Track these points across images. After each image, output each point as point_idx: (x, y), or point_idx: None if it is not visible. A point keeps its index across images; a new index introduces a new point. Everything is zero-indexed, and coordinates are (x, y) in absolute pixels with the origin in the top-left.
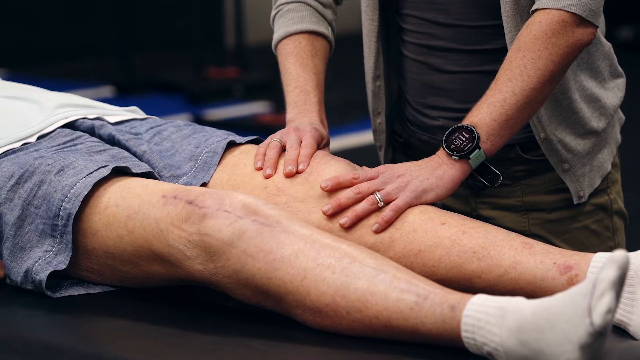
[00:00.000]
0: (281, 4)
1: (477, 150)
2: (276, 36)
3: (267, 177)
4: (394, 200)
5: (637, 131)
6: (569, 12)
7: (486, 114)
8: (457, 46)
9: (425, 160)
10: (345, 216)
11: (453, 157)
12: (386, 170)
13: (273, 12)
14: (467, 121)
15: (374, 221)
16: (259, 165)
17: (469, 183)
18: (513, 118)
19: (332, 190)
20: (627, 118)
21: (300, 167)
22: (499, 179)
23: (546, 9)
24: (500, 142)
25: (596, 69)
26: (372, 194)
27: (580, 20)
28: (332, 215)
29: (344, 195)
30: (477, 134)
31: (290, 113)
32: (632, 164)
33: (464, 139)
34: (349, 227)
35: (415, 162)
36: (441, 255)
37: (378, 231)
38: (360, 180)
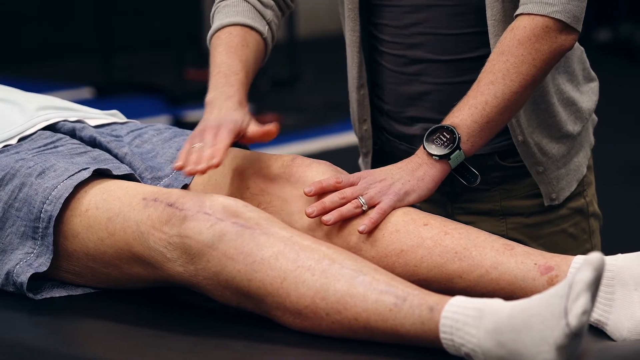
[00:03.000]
0: (220, 1)
1: (458, 150)
2: (211, 30)
3: (189, 173)
4: (377, 203)
5: (614, 130)
6: (553, 18)
7: (467, 116)
8: (436, 57)
9: (405, 161)
10: (329, 215)
11: (433, 157)
12: (367, 176)
13: (213, 9)
14: (448, 121)
15: (356, 221)
16: (179, 164)
17: (445, 189)
18: (493, 120)
19: (316, 194)
20: (604, 118)
21: (214, 161)
22: (477, 179)
23: (531, 14)
24: (480, 143)
25: (572, 72)
26: (356, 198)
27: (563, 27)
28: (316, 217)
29: (329, 199)
30: (458, 134)
31: (209, 96)
32: (605, 165)
33: (444, 140)
34: (331, 224)
35: (395, 165)
36: (423, 255)
37: (364, 232)
38: (343, 184)
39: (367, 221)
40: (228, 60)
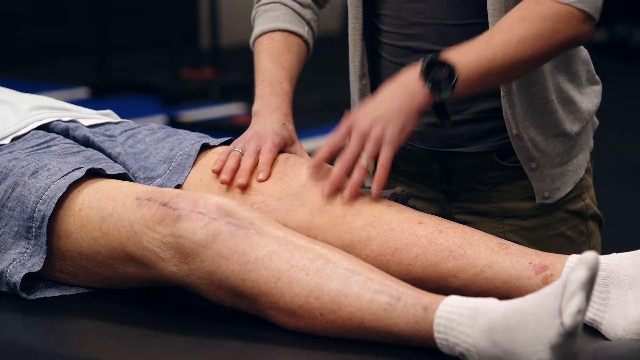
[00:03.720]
0: (260, 5)
1: (450, 90)
2: (252, 35)
3: (223, 182)
4: (378, 154)
5: (611, 130)
6: (577, 8)
7: (472, 63)
8: (435, 47)
9: (390, 88)
10: (344, 193)
11: (425, 87)
12: (354, 125)
13: (253, 13)
14: (451, 59)
15: (350, 218)
16: (215, 168)
17: (443, 188)
18: (491, 77)
19: (318, 169)
20: (601, 118)
21: (260, 176)
22: (448, 121)
23: (554, 1)
24: (468, 92)
25: (574, 72)
26: (356, 159)
27: (587, 17)
28: (333, 194)
29: (336, 175)
30: (457, 76)
31: (255, 106)
32: (603, 165)
33: (442, 76)
34: (352, 199)
35: (380, 98)
36: (417, 253)
37: (374, 194)
38: (335, 144)
39: (374, 184)
40: (272, 68)
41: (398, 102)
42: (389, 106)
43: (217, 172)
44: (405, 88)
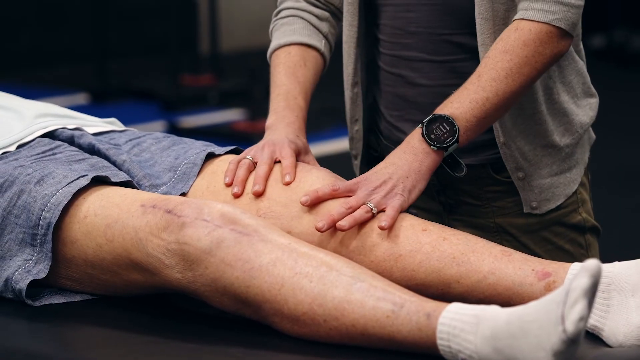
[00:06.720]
0: (277, 18)
1: (456, 143)
2: (270, 48)
3: (235, 195)
4: (385, 207)
5: (608, 136)
6: (554, 26)
7: (468, 109)
8: (428, 57)
9: (398, 153)
10: (344, 220)
11: (432, 147)
12: (364, 180)
13: (271, 26)
14: (447, 111)
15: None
16: (227, 181)
17: (440, 199)
18: (490, 117)
19: (312, 204)
20: (597, 124)
21: (287, 179)
22: (463, 170)
23: (532, 21)
24: (473, 137)
25: (569, 83)
26: (363, 205)
27: (563, 33)
28: (327, 230)
29: (336, 212)
30: (458, 127)
31: (269, 120)
32: (599, 171)
33: (444, 131)
34: (347, 229)
35: (388, 162)
36: (421, 260)
37: (386, 227)
38: (340, 191)
39: (384, 217)
40: (287, 82)
41: (407, 165)
42: (398, 169)
43: (229, 185)
44: (413, 151)
